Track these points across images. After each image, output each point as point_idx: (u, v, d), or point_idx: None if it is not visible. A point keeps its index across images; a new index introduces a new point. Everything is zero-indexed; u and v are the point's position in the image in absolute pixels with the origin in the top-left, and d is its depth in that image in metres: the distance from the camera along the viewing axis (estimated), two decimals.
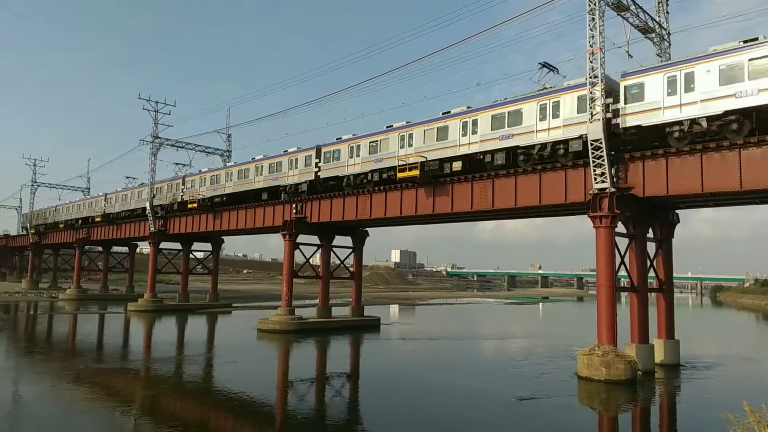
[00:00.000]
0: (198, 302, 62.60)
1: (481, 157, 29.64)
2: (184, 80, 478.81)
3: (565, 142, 25.94)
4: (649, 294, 27.14)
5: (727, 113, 21.48)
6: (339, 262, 47.28)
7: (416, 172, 31.92)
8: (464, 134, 30.29)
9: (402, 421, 17.04)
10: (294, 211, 41.81)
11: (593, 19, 24.45)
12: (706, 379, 25.39)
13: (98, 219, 68.27)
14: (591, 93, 24.35)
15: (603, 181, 24.31)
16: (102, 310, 58.02)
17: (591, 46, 24.48)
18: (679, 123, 22.80)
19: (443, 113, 32.00)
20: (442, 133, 31.49)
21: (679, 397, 22.84)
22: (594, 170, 24.43)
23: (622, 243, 26.19)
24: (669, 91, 22.94)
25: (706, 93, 21.82)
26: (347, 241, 46.33)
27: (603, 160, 24.07)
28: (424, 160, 31.68)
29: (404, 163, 32.69)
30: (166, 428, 15.67)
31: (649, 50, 27.96)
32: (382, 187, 35.71)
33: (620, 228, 25.60)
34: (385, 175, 34.88)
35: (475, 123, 29.82)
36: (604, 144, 23.85)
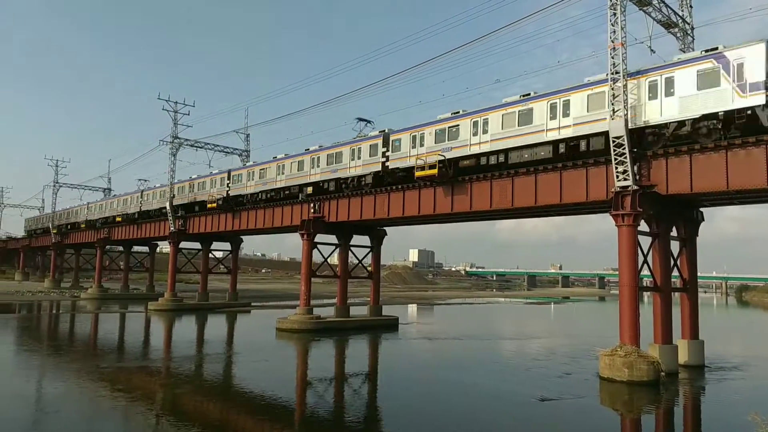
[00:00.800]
0: (217, 301, 63.12)
1: (322, 184, 40.92)
2: (203, 81, 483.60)
3: (365, 176, 37.06)
4: (672, 294, 26.66)
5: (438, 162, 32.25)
6: (357, 261, 47.30)
7: (434, 171, 31.77)
8: (312, 167, 41.86)
9: (421, 421, 16.92)
10: (312, 210, 41.89)
11: (614, 14, 24.07)
12: (732, 381, 24.89)
13: (118, 219, 69.45)
14: (613, 90, 23.97)
15: (625, 179, 23.91)
16: (123, 309, 58.73)
17: (612, 41, 24.09)
18: (415, 166, 32.93)
19: (306, 149, 43.04)
20: (301, 166, 42.87)
21: (703, 398, 22.37)
22: (616, 168, 24.04)
23: (645, 242, 25.76)
24: (412, 144, 34.26)
25: (429, 148, 32.96)
26: (365, 240, 46.33)
27: (625, 158, 23.68)
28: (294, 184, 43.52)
29: (423, 163, 32.59)
30: (186, 426, 15.75)
31: (672, 45, 27.49)
32: (399, 186, 35.64)
33: (643, 226, 25.15)
34: (267, 195, 46.56)
35: (318, 160, 41.39)
36: (626, 141, 23.46)
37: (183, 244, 61.38)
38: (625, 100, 23.76)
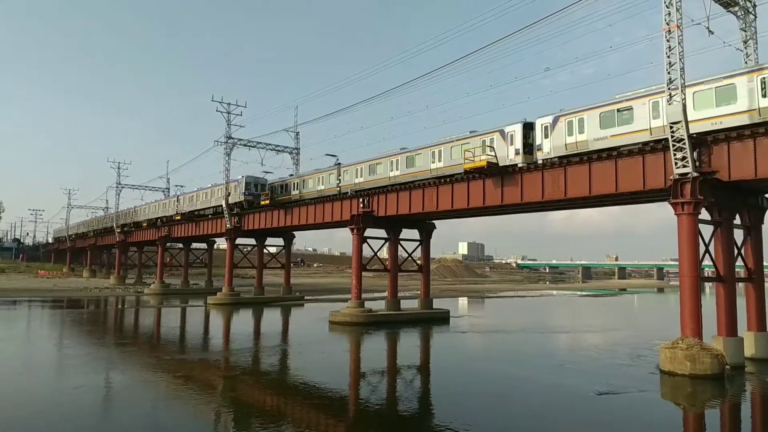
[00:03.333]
0: (272, 295, 64.71)
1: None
2: (254, 80, 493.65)
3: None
4: (736, 284, 25.55)
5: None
6: (407, 255, 47.45)
7: (483, 163, 31.51)
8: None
9: (476, 413, 16.93)
10: (361, 205, 42.27)
11: None
12: None
13: (178, 217, 72.12)
14: (669, 74, 23.14)
15: (684, 166, 23.05)
16: (183, 303, 61.02)
17: (668, 23, 23.21)
18: None
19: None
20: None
21: None
22: (674, 154, 23.21)
23: (706, 230, 24.79)
24: None
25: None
26: (414, 234, 46.39)
27: (684, 144, 22.84)
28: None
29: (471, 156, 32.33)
30: (244, 414, 16.34)
31: (733, 24, 26.19)
32: (448, 179, 35.50)
33: (704, 215, 24.22)
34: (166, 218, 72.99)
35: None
36: (684, 126, 22.62)
37: (239, 241, 63.29)
38: (683, 84, 22.89)
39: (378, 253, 46.03)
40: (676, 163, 23.26)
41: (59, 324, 40.61)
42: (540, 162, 30.30)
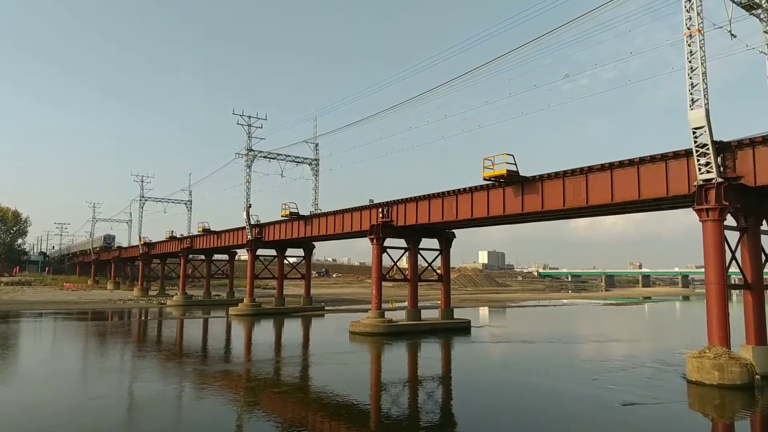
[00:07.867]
0: (293, 306, 64.98)
1: None
2: (273, 91, 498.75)
3: None
4: (765, 291, 24.96)
5: None
6: (426, 264, 47.34)
7: (503, 171, 31.38)
8: None
9: (499, 425, 16.74)
10: (381, 215, 42.31)
11: None
12: None
13: (200, 230, 73.08)
14: (690, 78, 22.85)
15: (708, 171, 22.68)
16: (206, 314, 61.48)
17: (688, 28, 22.96)
18: None
19: None
20: None
21: None
22: (698, 160, 22.85)
23: (732, 237, 24.32)
24: None
25: None
26: (434, 243, 46.28)
27: (707, 149, 22.48)
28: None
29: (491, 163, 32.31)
30: (266, 425, 16.35)
31: (755, 26, 25.75)
32: (467, 188, 35.40)
33: (730, 221, 23.78)
34: None
35: None
36: (707, 131, 22.28)
37: (259, 252, 63.86)
38: (705, 89, 22.58)
39: (398, 263, 45.97)
40: (699, 169, 22.90)
41: (84, 336, 41.19)
42: None
